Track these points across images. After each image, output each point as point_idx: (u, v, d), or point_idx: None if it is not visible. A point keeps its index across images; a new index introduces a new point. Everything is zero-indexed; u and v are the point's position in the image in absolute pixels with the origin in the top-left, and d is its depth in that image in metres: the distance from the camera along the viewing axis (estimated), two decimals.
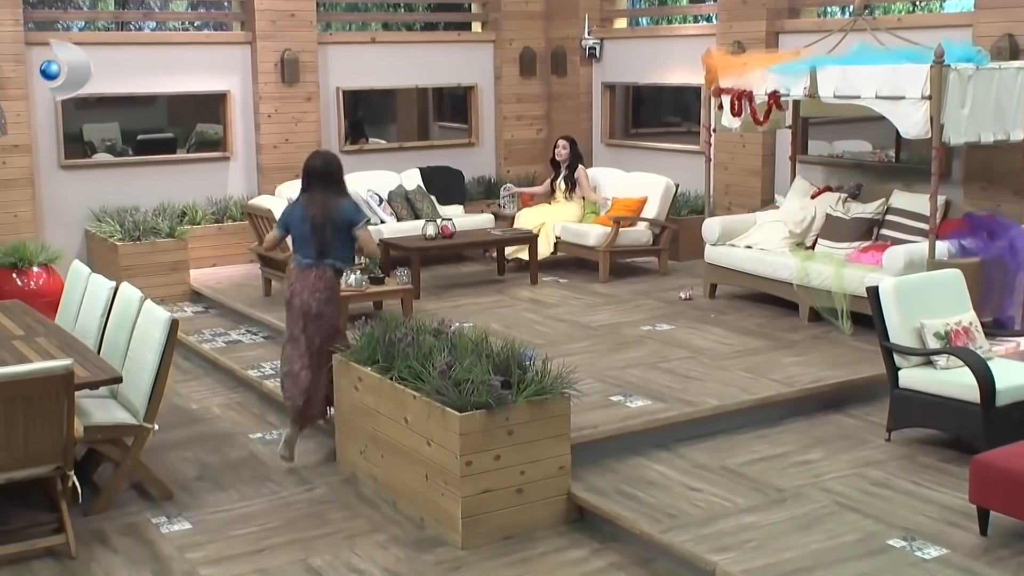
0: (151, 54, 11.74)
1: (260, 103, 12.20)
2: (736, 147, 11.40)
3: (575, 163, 11.53)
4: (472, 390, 5.59)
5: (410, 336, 6.18)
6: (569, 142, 11.63)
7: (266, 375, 8.22)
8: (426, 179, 12.28)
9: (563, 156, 11.58)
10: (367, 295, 9.14)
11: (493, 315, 9.48)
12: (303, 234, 6.71)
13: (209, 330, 9.74)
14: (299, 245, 6.74)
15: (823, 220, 9.54)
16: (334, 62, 12.73)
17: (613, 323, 9.19)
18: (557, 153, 11.64)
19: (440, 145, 13.62)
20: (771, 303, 9.50)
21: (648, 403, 7.03)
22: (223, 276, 11.33)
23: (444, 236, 10.51)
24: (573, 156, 11.55)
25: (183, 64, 11.91)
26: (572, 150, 11.56)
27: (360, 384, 6.37)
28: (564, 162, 11.58)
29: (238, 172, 12.35)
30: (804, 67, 8.74)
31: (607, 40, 13.33)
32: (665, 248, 11.07)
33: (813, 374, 7.58)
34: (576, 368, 6.32)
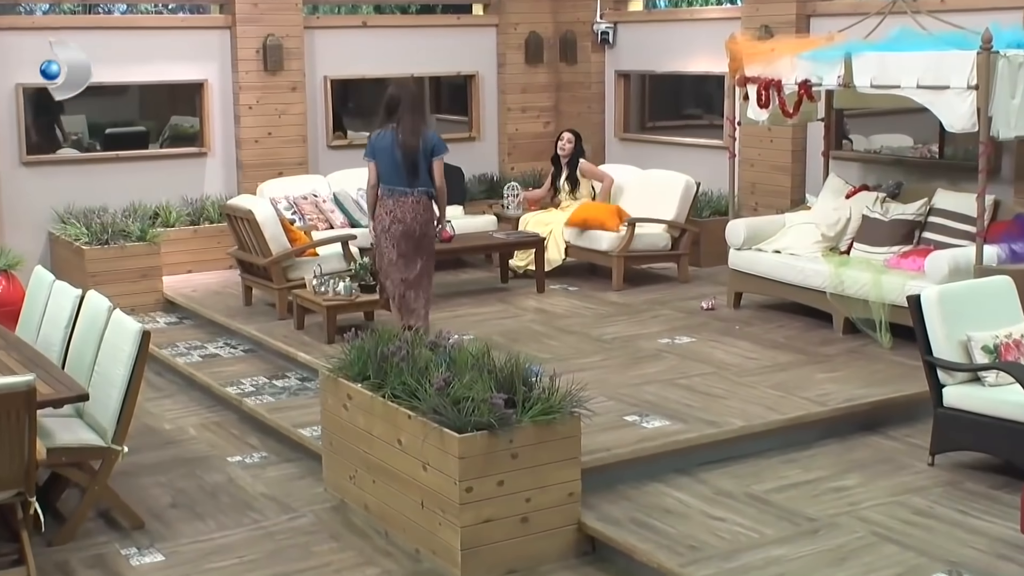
0: (120, 39, 11.77)
1: (240, 93, 12.23)
2: (763, 142, 11.40)
3: (576, 159, 11.53)
4: (472, 409, 5.59)
5: (404, 350, 6.18)
6: (575, 136, 11.63)
7: (246, 392, 8.23)
8: None
9: (567, 151, 11.56)
10: (357, 304, 9.16)
11: (496, 326, 9.48)
12: (395, 162, 8.00)
13: (184, 343, 9.75)
14: (390, 173, 8.03)
15: (859, 222, 9.54)
16: (321, 48, 12.75)
17: (628, 336, 9.18)
18: (560, 147, 11.63)
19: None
20: (802, 313, 9.50)
21: (666, 423, 7.03)
22: (199, 283, 11.34)
23: (442, 240, 10.47)
24: (576, 152, 11.54)
25: (156, 50, 11.93)
26: (577, 145, 11.56)
27: (350, 402, 6.37)
28: (566, 158, 11.57)
29: (216, 169, 12.37)
30: (838, 54, 8.74)
31: (621, 24, 13.35)
32: (685, 253, 11.08)
33: (848, 392, 7.58)
34: (587, 385, 6.32)
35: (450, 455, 5.58)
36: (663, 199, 11.07)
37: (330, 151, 12.84)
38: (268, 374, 8.73)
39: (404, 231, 8.04)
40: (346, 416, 6.42)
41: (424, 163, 8.00)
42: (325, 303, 8.99)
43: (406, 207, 8.02)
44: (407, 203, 8.01)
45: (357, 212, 11.51)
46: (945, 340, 6.60)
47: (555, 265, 11.14)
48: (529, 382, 5.83)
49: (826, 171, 10.38)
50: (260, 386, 8.42)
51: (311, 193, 11.63)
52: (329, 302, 9.00)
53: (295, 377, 8.62)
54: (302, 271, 9.76)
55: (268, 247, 9.74)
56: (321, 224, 11.27)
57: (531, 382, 5.84)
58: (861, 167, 10.72)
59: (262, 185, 11.71)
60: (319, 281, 9.19)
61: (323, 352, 8.44)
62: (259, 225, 9.73)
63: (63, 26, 11.45)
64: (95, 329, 6.47)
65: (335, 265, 9.94)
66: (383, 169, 8.06)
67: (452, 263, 11.82)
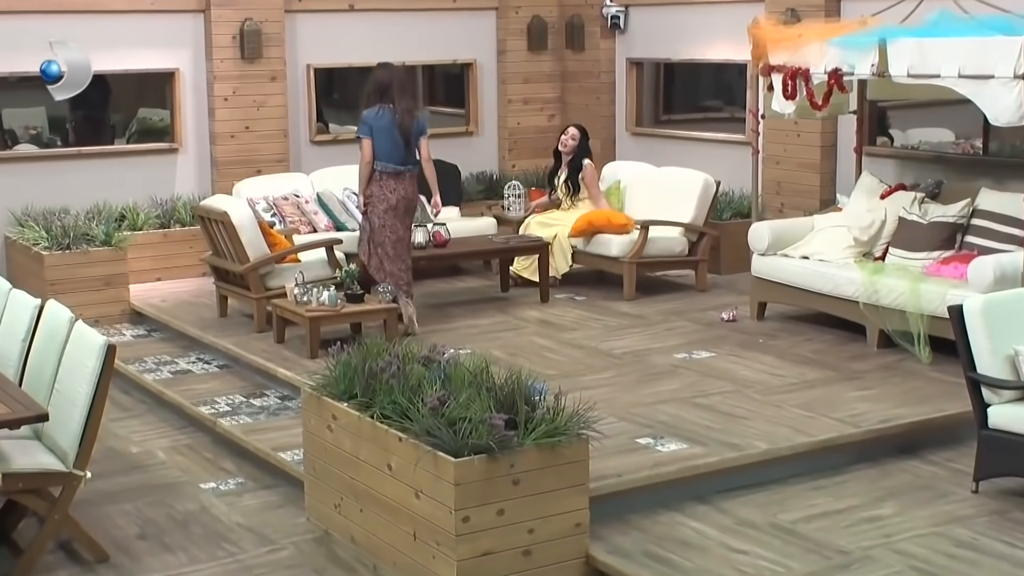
0: (83, 24, 11.78)
1: (215, 83, 12.25)
2: (790, 137, 11.42)
3: (581, 157, 11.50)
4: (470, 431, 5.60)
5: (395, 365, 6.19)
6: (581, 131, 11.62)
7: (221, 412, 8.23)
8: None
9: (569, 148, 11.53)
10: (343, 316, 9.16)
11: (495, 340, 9.49)
12: (395, 141, 9.22)
13: (153, 358, 9.75)
14: (391, 152, 9.25)
15: (895, 225, 9.55)
16: (304, 34, 12.78)
17: (640, 350, 9.19)
18: (562, 142, 11.62)
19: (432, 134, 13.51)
20: (832, 326, 9.50)
21: (683, 447, 7.03)
22: (169, 292, 11.35)
23: (436, 244, 10.53)
24: (581, 150, 11.52)
25: (122, 37, 11.95)
26: (582, 144, 11.54)
27: (335, 423, 6.37)
28: (568, 155, 11.57)
29: (188, 167, 12.39)
30: (872, 40, 8.75)
31: (633, 7, 13.37)
32: (703, 259, 11.08)
33: (883, 412, 7.58)
34: (596, 404, 6.32)
35: (445, 481, 5.58)
36: (679, 200, 11.08)
37: (313, 147, 12.86)
38: (245, 392, 8.73)
39: (408, 207, 9.41)
40: (331, 438, 6.42)
41: (415, 142, 9.37)
42: (308, 314, 9.00)
43: (406, 183, 9.36)
44: (406, 179, 9.36)
45: (342, 214, 11.52)
46: (990, 355, 6.60)
47: (562, 273, 11.14)
48: (532, 401, 5.84)
49: (859, 169, 10.39)
50: (236, 405, 8.42)
51: (292, 193, 11.64)
52: (312, 313, 9.00)
53: (274, 396, 8.62)
54: (282, 279, 9.76)
55: (245, 252, 9.75)
56: (303, 227, 11.28)
57: (534, 401, 5.84)
58: (897, 164, 10.73)
59: (238, 184, 11.72)
60: (301, 290, 9.19)
61: (305, 368, 8.44)
62: (235, 228, 9.74)
63: (19, 9, 11.45)
64: (55, 343, 6.48)
65: (319, 272, 9.94)
66: (382, 148, 9.27)
67: (447, 270, 11.82)
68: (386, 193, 9.30)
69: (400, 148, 9.28)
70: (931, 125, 10.91)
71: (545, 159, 13.60)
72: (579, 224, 11.01)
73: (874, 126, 10.96)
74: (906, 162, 10.71)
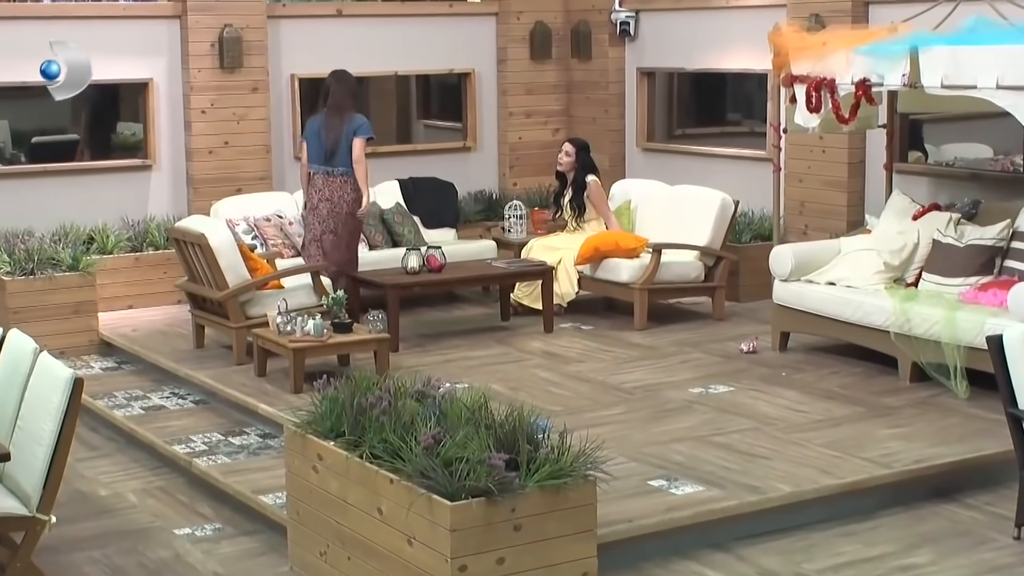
0: (49, 31, 11.81)
1: (192, 95, 12.28)
2: (814, 152, 11.44)
3: (583, 175, 11.49)
4: (467, 472, 5.59)
5: (386, 401, 6.18)
6: (577, 147, 11.61)
7: (197, 451, 8.22)
8: (407, 195, 12.32)
9: (564, 165, 11.57)
10: (330, 347, 9.16)
11: (495, 373, 9.49)
12: (320, 144, 10.26)
13: (123, 392, 9.75)
14: (314, 154, 10.35)
15: (928, 248, 9.55)
16: (288, 42, 12.82)
17: (653, 384, 9.19)
18: (559, 160, 11.64)
19: (426, 150, 13.68)
20: (861, 357, 9.50)
21: (699, 489, 7.02)
22: (142, 321, 11.36)
23: (431, 269, 10.54)
24: (581, 167, 11.51)
25: (91, 44, 11.93)
26: (580, 158, 11.53)
27: (320, 464, 6.36)
28: (568, 173, 11.58)
29: (162, 185, 12.41)
30: (902, 48, 8.77)
31: (644, 13, 13.41)
32: (721, 285, 11.09)
33: (917, 451, 7.57)
34: (604, 443, 6.31)
35: (440, 527, 5.57)
36: (694, 221, 11.09)
37: (298, 164, 12.84)
38: (223, 430, 8.72)
39: (331, 209, 10.25)
40: (316, 480, 6.41)
41: (346, 144, 10.16)
42: (291, 345, 9.00)
43: (335, 186, 10.24)
44: (336, 182, 10.24)
45: None
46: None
47: (568, 300, 11.14)
48: (535, 439, 5.83)
49: (889, 187, 10.40)
50: (213, 444, 8.42)
51: (275, 214, 11.66)
52: (296, 344, 9.01)
53: (255, 433, 8.62)
54: (264, 307, 9.76)
55: (224, 278, 9.76)
56: (287, 251, 11.30)
57: (537, 440, 5.84)
58: (931, 183, 10.74)
59: (217, 204, 11.74)
60: (284, 319, 9.20)
61: (289, 403, 8.43)
62: (213, 252, 9.75)
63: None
64: (18, 376, 6.47)
65: (303, 300, 9.95)
66: (311, 151, 10.36)
67: (443, 297, 11.83)
68: (311, 193, 10.36)
69: (324, 151, 10.24)
70: (967, 140, 10.93)
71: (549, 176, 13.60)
72: (585, 250, 11.01)
73: (905, 141, 10.98)
74: (940, 180, 10.73)
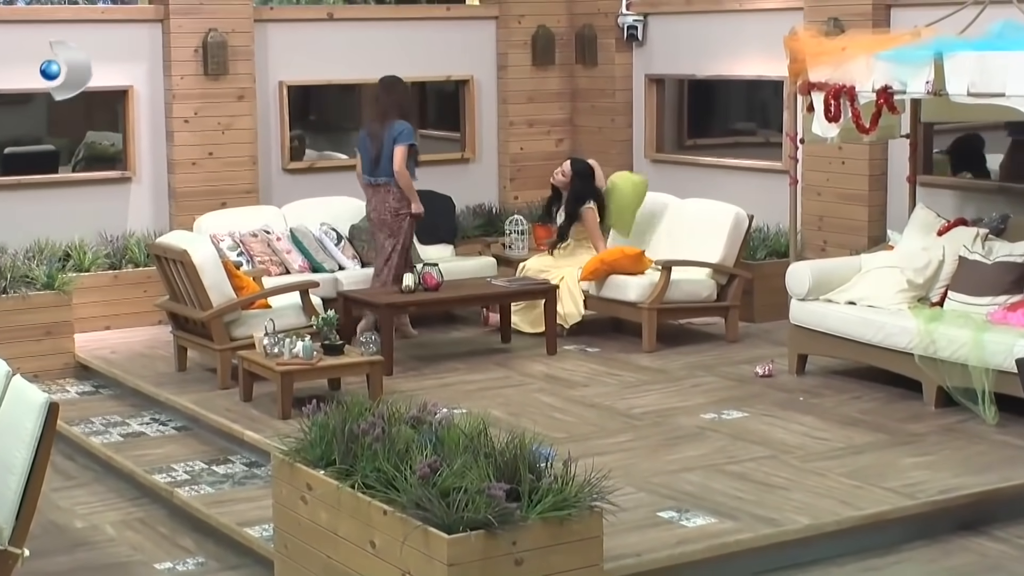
0: (24, 35, 11.84)
1: (174, 103, 12.29)
2: (833, 164, 11.44)
3: (580, 199, 11.39)
4: (465, 503, 5.58)
5: (379, 427, 6.18)
6: (575, 171, 11.50)
7: (179, 481, 8.21)
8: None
9: (560, 182, 11.54)
10: (320, 370, 9.15)
11: (495, 398, 9.48)
12: (366, 154, 10.90)
13: (101, 418, 9.74)
14: (363, 164, 10.98)
15: (955, 266, 9.55)
16: (276, 47, 12.83)
17: (662, 409, 9.18)
18: (553, 175, 11.61)
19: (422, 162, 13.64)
20: (883, 381, 9.49)
21: (712, 521, 7.01)
22: (120, 343, 11.35)
23: (427, 288, 10.54)
24: (580, 188, 11.43)
25: None
26: (575, 184, 11.42)
27: (310, 494, 6.35)
28: (564, 191, 11.55)
29: (142, 198, 12.41)
30: (926, 54, 8.78)
31: (653, 16, 13.43)
32: (734, 305, 11.08)
33: (943, 481, 7.56)
34: (611, 472, 6.30)
35: (437, 561, 5.56)
36: (706, 237, 11.09)
37: (286, 176, 12.89)
38: (206, 458, 8.72)
39: (379, 220, 10.78)
40: (305, 511, 6.40)
41: (387, 153, 10.58)
42: (279, 368, 8.99)
43: (379, 196, 10.74)
44: (381, 192, 10.71)
45: (319, 253, 11.54)
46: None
47: (573, 322, 11.12)
48: (537, 468, 5.83)
49: (912, 201, 10.40)
50: (196, 473, 8.41)
51: (262, 229, 11.66)
52: (284, 367, 9.00)
53: (240, 462, 8.61)
54: (250, 327, 9.76)
55: (207, 297, 9.76)
56: (275, 268, 11.30)
57: (540, 468, 5.83)
58: (956, 196, 10.74)
59: (200, 219, 11.73)
60: (272, 340, 9.20)
61: (276, 430, 8.42)
62: (196, 269, 9.75)
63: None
64: None
65: (292, 320, 9.95)
66: (361, 161, 10.92)
67: (440, 318, 11.82)
68: (367, 205, 11.03)
69: (370, 160, 10.78)
70: (996, 151, 10.93)
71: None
72: (591, 266, 10.99)
73: (929, 152, 10.99)
74: (967, 193, 10.73)
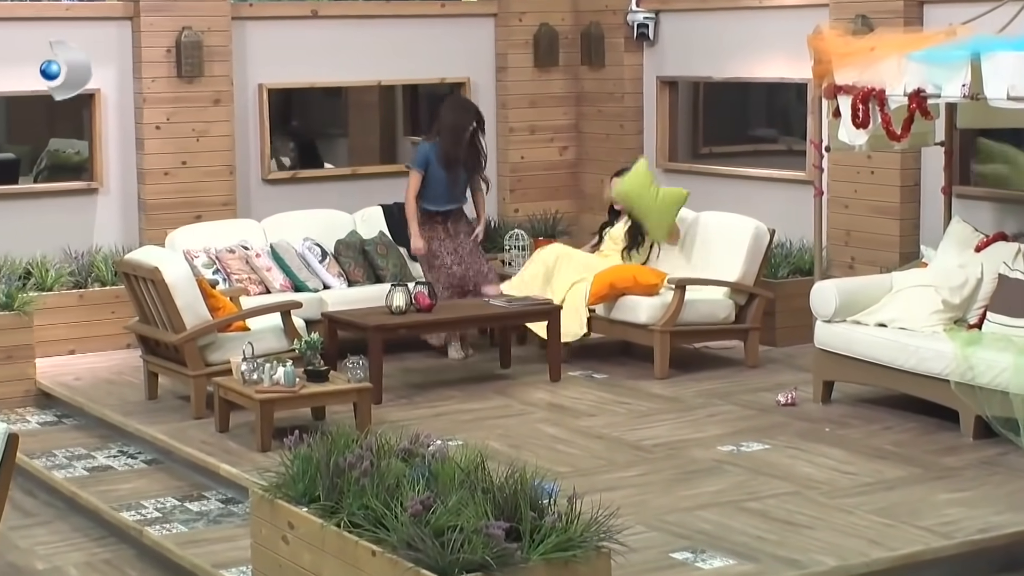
0: None
1: (145, 108, 12.29)
2: (861, 174, 11.45)
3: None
4: (462, 543, 5.58)
5: (367, 461, 6.18)
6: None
7: (149, 519, 8.20)
8: (392, 222, 12.30)
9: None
10: (302, 398, 9.14)
11: (494, 429, 9.48)
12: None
13: (64, 450, 9.72)
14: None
15: (994, 284, 9.55)
16: (256, 47, 12.84)
17: (676, 441, 9.18)
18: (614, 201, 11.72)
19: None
20: (916, 410, 9.48)
21: (730, 563, 7.00)
22: (86, 369, 11.35)
23: (419, 308, 10.53)
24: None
25: (29, 50, 11.99)
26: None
27: (291, 533, 6.35)
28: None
29: (110, 211, 12.41)
30: (962, 54, 8.79)
31: (665, 13, 13.45)
32: (754, 327, 11.08)
33: (983, 519, 7.55)
34: (620, 509, 6.30)
35: None
36: (724, 253, 11.10)
37: (266, 186, 12.90)
38: (179, 494, 8.70)
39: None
40: (286, 552, 6.39)
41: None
42: (258, 396, 8.98)
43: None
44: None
45: (302, 271, 11.53)
46: None
47: (575, 339, 11.13)
48: (539, 506, 5.82)
49: (948, 214, 10.40)
50: (168, 510, 8.39)
51: (240, 245, 11.66)
52: (264, 395, 8.99)
53: (216, 498, 8.60)
54: (227, 352, 9.76)
55: (180, 319, 9.75)
56: (253, 287, 11.29)
57: (542, 506, 5.83)
58: (995, 208, 10.74)
59: (173, 233, 11.74)
60: (250, 366, 9.19)
61: (255, 464, 8.43)
62: (168, 288, 9.75)
63: None
64: None
65: (272, 344, 9.94)
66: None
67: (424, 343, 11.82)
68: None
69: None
70: None
71: (556, 202, 13.68)
72: (599, 287, 10.97)
73: (966, 161, 10.99)
74: (1006, 205, 10.73)
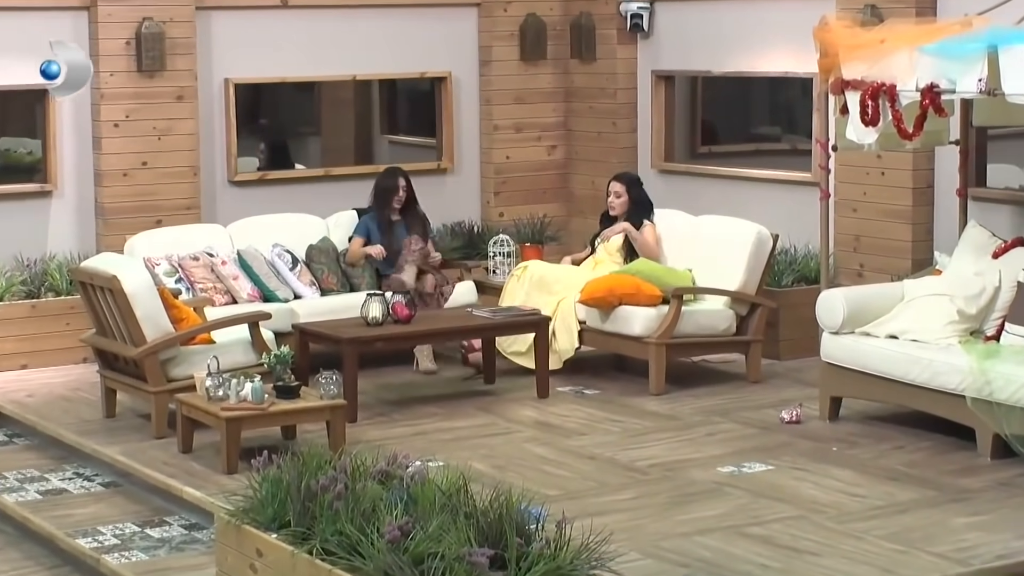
0: None
1: (102, 104, 12.28)
2: (871, 175, 11.46)
3: (639, 217, 11.56)
4: (443, 571, 5.57)
5: (341, 483, 6.17)
6: (625, 184, 11.69)
7: (106, 546, 8.18)
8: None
9: (618, 209, 11.65)
10: (271, 416, 9.13)
11: (477, 448, 9.47)
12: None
13: (15, 472, 9.71)
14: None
15: (1012, 293, 9.56)
16: (222, 39, 12.83)
17: (673, 462, 9.17)
18: (611, 204, 11.70)
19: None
20: (931, 428, 9.49)
21: None
22: (39, 385, 11.33)
23: (397, 320, 10.52)
24: (635, 206, 11.60)
25: None
26: (632, 195, 11.60)
27: (260, 562, 6.33)
28: (621, 216, 11.63)
29: (64, 215, 12.39)
30: (978, 47, 8.80)
31: (660, 4, 13.45)
32: (756, 339, 11.08)
33: (1002, 544, 7.55)
34: (613, 535, 6.31)
35: None
36: (724, 260, 11.10)
37: (233, 188, 12.88)
38: (139, 519, 8.68)
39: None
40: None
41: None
42: (224, 414, 8.96)
43: None
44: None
45: (271, 279, 11.50)
46: None
47: (566, 357, 11.12)
48: (526, 531, 5.82)
49: (963, 218, 10.41)
50: (127, 537, 8.37)
51: (204, 251, 11.64)
52: (230, 413, 8.97)
53: (178, 524, 8.58)
54: (191, 366, 9.74)
55: (140, 331, 9.73)
56: (219, 297, 11.27)
57: (529, 531, 5.82)
58: (1014, 212, 10.76)
59: (132, 239, 11.71)
60: (215, 381, 9.17)
61: (221, 487, 8.41)
62: (128, 298, 9.73)
63: None
64: None
65: (239, 358, 9.93)
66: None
67: (411, 354, 11.79)
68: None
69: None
70: None
71: (543, 205, 13.68)
72: (596, 288, 10.94)
73: (983, 161, 11.00)
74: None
